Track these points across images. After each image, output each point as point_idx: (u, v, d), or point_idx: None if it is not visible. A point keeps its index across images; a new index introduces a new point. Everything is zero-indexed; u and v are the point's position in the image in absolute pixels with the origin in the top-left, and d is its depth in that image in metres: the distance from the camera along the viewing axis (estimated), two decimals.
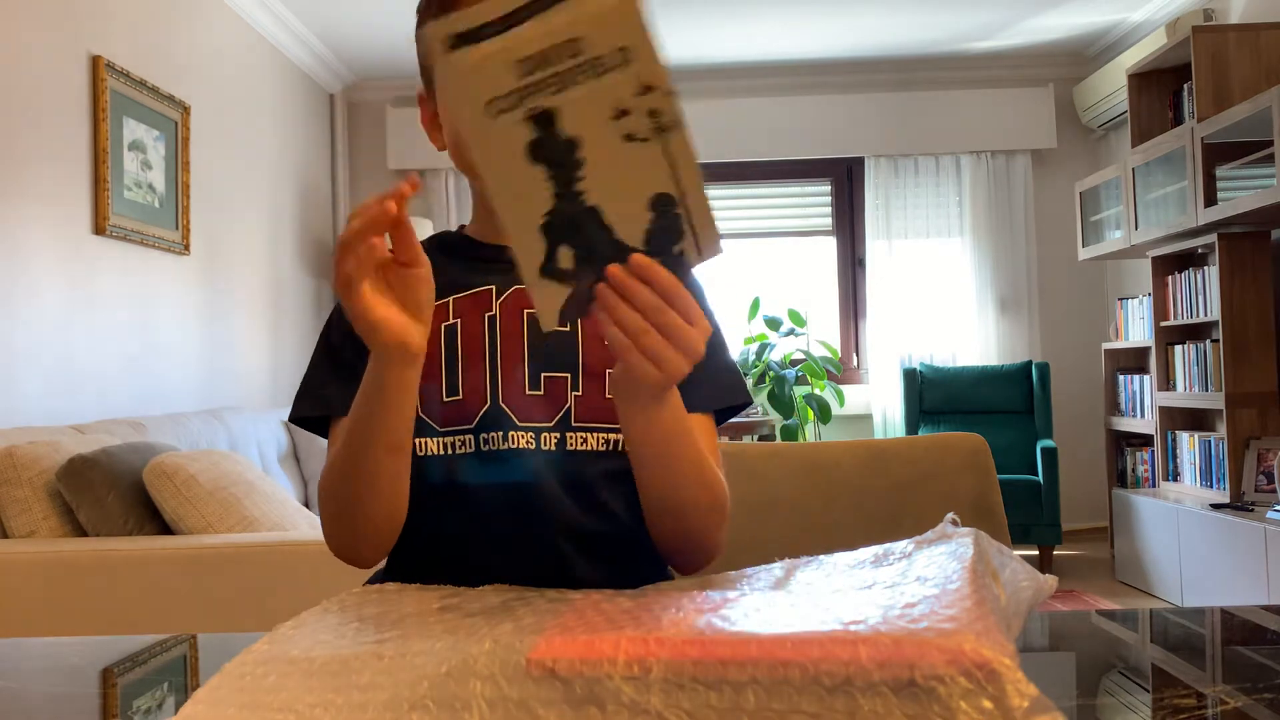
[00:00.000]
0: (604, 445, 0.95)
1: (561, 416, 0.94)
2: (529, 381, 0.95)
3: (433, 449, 0.94)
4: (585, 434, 0.95)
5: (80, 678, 0.77)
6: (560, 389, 0.95)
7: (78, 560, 2.17)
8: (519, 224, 0.67)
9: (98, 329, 3.21)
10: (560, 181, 0.66)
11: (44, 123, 2.98)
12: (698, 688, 0.47)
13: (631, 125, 0.65)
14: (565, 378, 0.95)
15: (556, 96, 0.63)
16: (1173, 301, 4.27)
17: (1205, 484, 4.05)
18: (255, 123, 4.51)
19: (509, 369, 0.95)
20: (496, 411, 0.94)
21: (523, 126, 0.64)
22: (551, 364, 0.96)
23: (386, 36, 4.91)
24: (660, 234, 0.69)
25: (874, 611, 0.51)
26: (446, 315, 0.97)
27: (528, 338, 0.96)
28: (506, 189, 0.66)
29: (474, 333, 0.96)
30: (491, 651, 0.49)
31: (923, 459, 1.27)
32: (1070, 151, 5.50)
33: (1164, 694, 0.66)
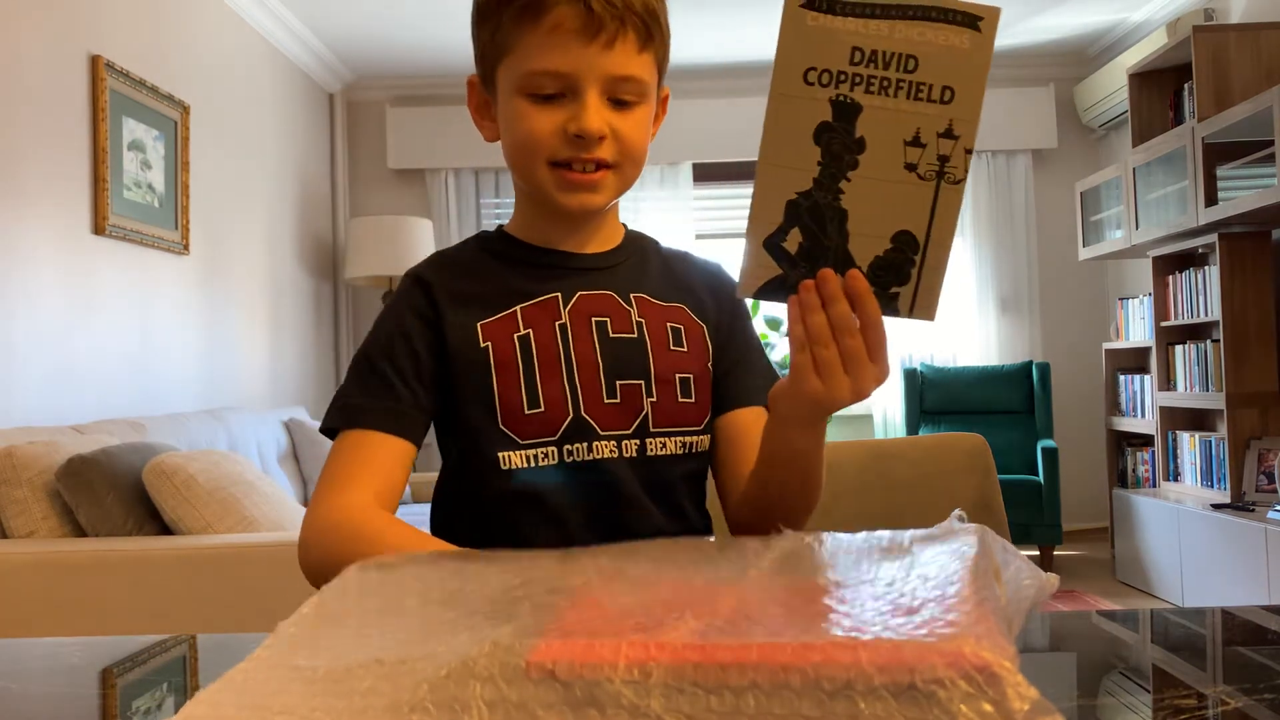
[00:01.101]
0: (681, 449, 0.97)
1: (640, 423, 0.95)
2: (606, 389, 0.95)
3: (516, 462, 0.94)
4: (664, 439, 0.96)
5: (80, 678, 0.77)
6: (635, 396, 0.96)
7: (77, 560, 2.17)
8: (770, 191, 0.68)
9: (98, 329, 3.21)
10: (828, 172, 0.67)
11: (44, 123, 2.98)
12: (698, 692, 0.47)
13: (919, 158, 0.66)
14: (639, 384, 0.96)
15: (868, 96, 0.65)
16: (1173, 301, 4.26)
17: (1206, 484, 4.05)
18: (255, 123, 4.51)
19: (587, 378, 0.95)
20: (580, 422, 0.94)
21: (824, 106, 0.66)
22: (624, 371, 0.96)
23: (386, 36, 4.91)
24: (887, 268, 0.69)
25: (875, 613, 0.51)
26: (516, 325, 0.96)
27: (599, 345, 0.97)
28: (776, 154, 0.67)
29: (547, 342, 0.96)
30: (491, 654, 0.49)
31: (923, 459, 1.27)
32: (1070, 151, 5.50)
33: (1164, 694, 0.66)
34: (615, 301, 0.99)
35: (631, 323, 0.98)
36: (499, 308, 0.97)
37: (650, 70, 0.95)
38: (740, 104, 5.32)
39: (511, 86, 0.93)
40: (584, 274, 1.00)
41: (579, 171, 0.93)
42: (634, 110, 0.94)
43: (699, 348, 1.00)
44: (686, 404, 0.98)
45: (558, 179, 0.94)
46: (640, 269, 1.03)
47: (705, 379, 1.00)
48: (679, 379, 0.97)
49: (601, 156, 0.93)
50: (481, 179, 5.51)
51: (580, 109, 0.91)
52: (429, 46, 5.02)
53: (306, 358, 5.01)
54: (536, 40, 0.91)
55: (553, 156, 0.93)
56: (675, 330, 0.99)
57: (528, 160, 0.94)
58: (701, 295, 1.04)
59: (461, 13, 4.85)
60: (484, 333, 0.96)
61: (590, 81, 0.91)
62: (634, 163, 0.96)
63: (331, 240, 5.42)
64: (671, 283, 1.03)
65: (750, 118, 5.36)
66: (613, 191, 0.96)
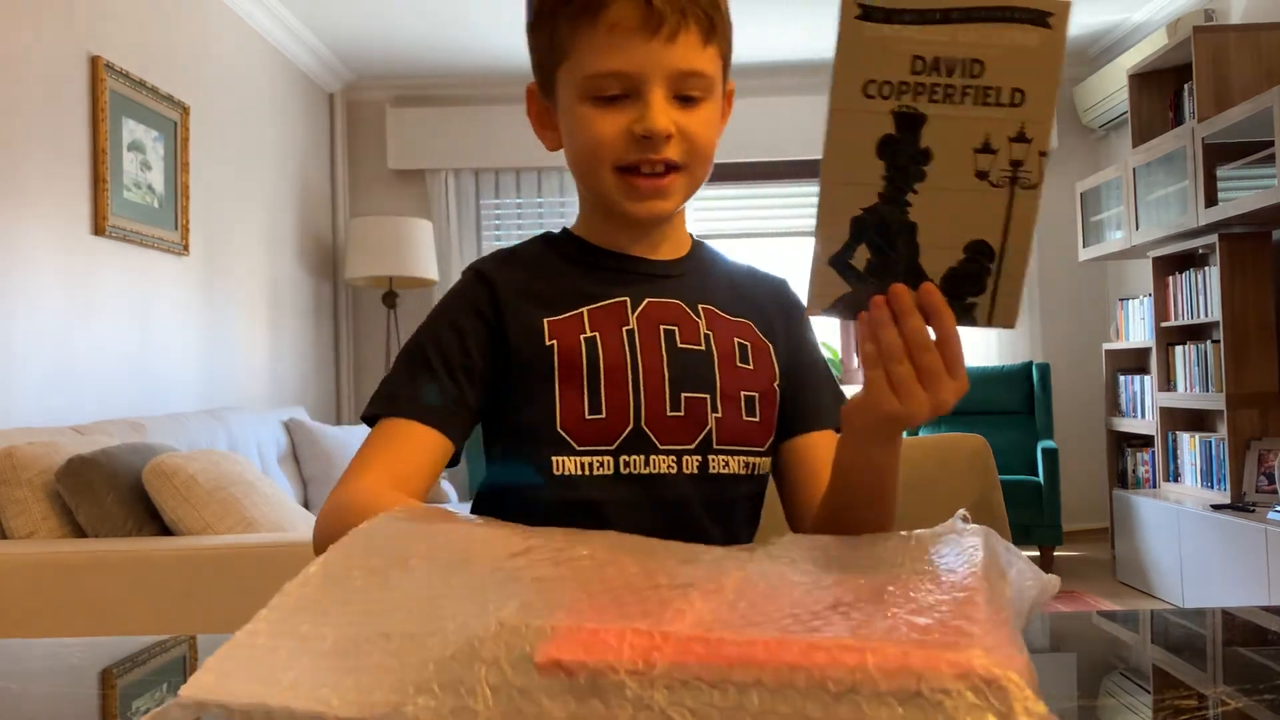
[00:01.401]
0: (744, 469, 0.93)
1: (703, 439, 0.92)
2: (670, 401, 0.91)
3: (569, 468, 0.90)
4: (726, 457, 0.92)
5: (80, 678, 0.77)
6: (700, 410, 0.92)
7: (77, 561, 2.17)
8: (834, 208, 0.67)
9: (97, 329, 3.21)
10: (894, 185, 0.65)
11: (44, 123, 2.98)
12: (702, 686, 0.47)
13: (990, 164, 0.64)
14: (704, 399, 0.92)
15: (933, 105, 0.63)
16: (1173, 302, 4.26)
17: (1206, 485, 4.04)
18: (255, 123, 4.51)
19: (652, 388, 0.91)
20: (639, 433, 0.90)
21: (886, 119, 0.64)
22: (690, 384, 0.92)
23: (386, 36, 4.91)
24: (962, 279, 0.67)
25: (883, 617, 0.51)
26: (583, 326, 0.92)
27: (666, 354, 0.92)
28: (839, 170, 0.66)
29: (614, 348, 0.92)
30: (498, 635, 0.49)
31: (925, 460, 1.27)
32: (1070, 151, 5.49)
33: (1165, 695, 0.66)
34: (683, 311, 0.95)
35: (699, 334, 0.94)
36: (565, 307, 0.93)
37: (715, 64, 0.92)
38: (742, 104, 5.30)
39: (573, 91, 0.90)
40: (652, 280, 0.96)
41: (647, 176, 0.90)
42: (700, 107, 0.91)
43: (765, 366, 0.97)
44: (751, 423, 0.94)
45: (625, 186, 0.91)
46: (707, 280, 1.00)
47: (770, 399, 0.96)
48: (744, 396, 0.94)
49: (669, 157, 0.89)
50: (481, 179, 5.51)
51: (645, 109, 0.87)
52: (429, 46, 5.02)
53: (306, 358, 5.01)
54: (596, 41, 0.87)
55: (619, 161, 0.90)
56: (742, 346, 0.96)
57: (593, 166, 0.91)
58: (768, 312, 1.00)
59: (462, 13, 4.84)
60: (550, 330, 0.92)
61: (654, 79, 0.87)
62: (703, 162, 0.92)
63: (331, 240, 5.42)
64: (738, 297, 1.00)
65: (752, 118, 5.35)
66: (682, 195, 0.93)
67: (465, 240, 5.48)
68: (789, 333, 1.01)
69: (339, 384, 5.45)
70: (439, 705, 0.48)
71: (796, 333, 1.02)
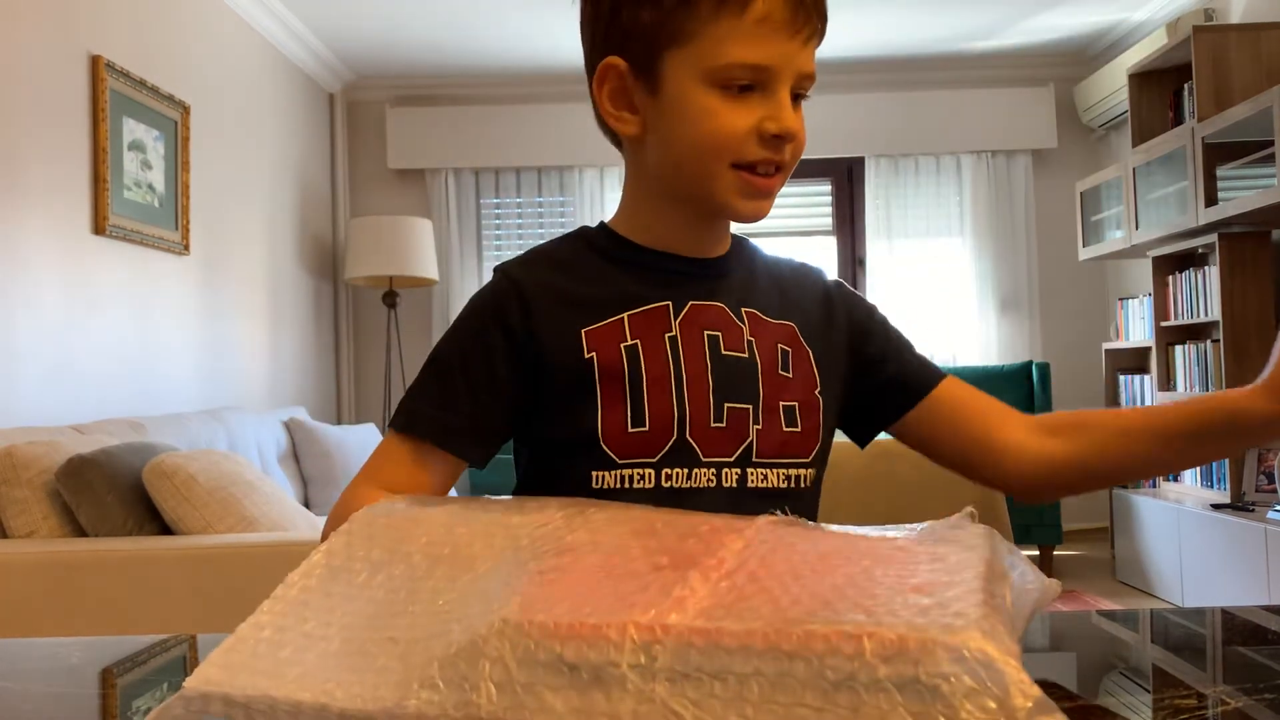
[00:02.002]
0: (785, 482, 0.90)
1: (743, 452, 0.88)
2: (714, 412, 0.88)
3: (609, 482, 0.86)
4: (766, 470, 0.89)
5: (80, 678, 0.77)
6: (742, 422, 0.88)
7: (77, 560, 2.17)
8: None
9: (98, 329, 3.21)
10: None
11: (44, 123, 2.98)
12: (702, 677, 0.47)
13: None
14: (747, 409, 0.89)
15: None
16: (1173, 301, 4.26)
17: (1206, 484, 4.05)
18: (255, 123, 4.51)
19: (696, 398, 0.87)
20: (683, 445, 0.87)
21: None
22: (733, 393, 0.88)
23: (386, 36, 4.91)
24: None
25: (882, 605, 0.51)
26: (623, 334, 0.88)
27: (710, 362, 0.89)
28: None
29: (657, 356, 0.87)
30: (501, 633, 0.50)
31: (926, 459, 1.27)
32: (1070, 151, 5.49)
33: (1165, 694, 0.66)
34: (727, 315, 0.91)
35: (743, 341, 0.91)
36: (604, 314, 0.89)
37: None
38: None
39: (694, 76, 0.85)
40: (696, 280, 0.92)
41: (763, 175, 0.87)
42: (799, 110, 0.90)
43: (805, 374, 0.93)
44: (793, 433, 0.90)
45: (742, 184, 0.87)
46: (751, 278, 0.96)
47: (811, 407, 0.92)
48: (784, 407, 0.90)
49: (784, 159, 0.87)
50: (481, 179, 5.51)
51: (777, 107, 0.85)
52: (429, 46, 5.02)
53: (306, 358, 5.01)
54: (740, 30, 0.84)
55: (740, 158, 0.86)
56: (784, 353, 0.92)
57: (710, 160, 0.86)
58: (813, 313, 0.96)
59: (462, 13, 4.83)
60: (588, 341, 0.88)
61: (786, 78, 0.86)
62: (795, 163, 0.91)
63: (331, 240, 5.42)
64: (783, 297, 0.96)
65: None
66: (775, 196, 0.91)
67: (465, 240, 5.48)
68: (849, 328, 0.98)
69: (339, 384, 5.45)
70: (443, 700, 0.48)
71: (856, 308, 1.00)
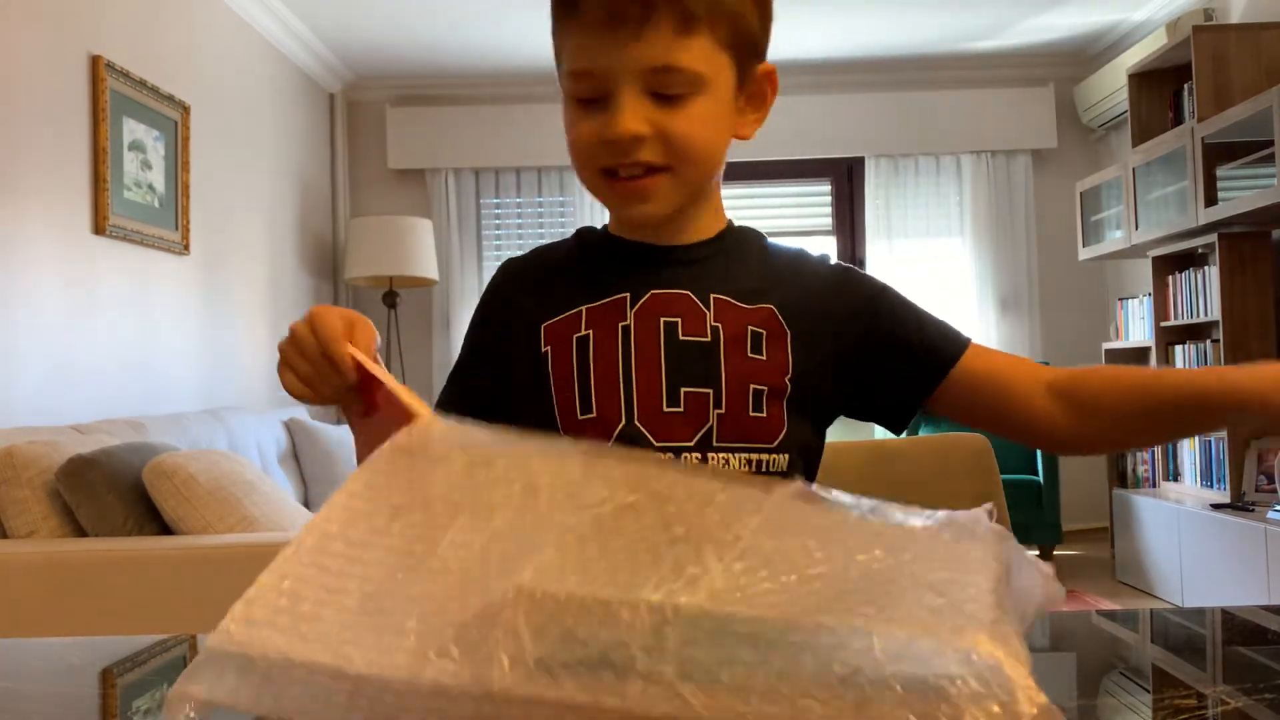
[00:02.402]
0: (748, 467, 0.88)
1: (702, 436, 0.87)
2: (667, 397, 0.88)
3: None
4: (728, 455, 0.88)
5: (80, 678, 0.77)
6: (701, 406, 0.87)
7: (78, 560, 2.17)
8: None
9: (98, 329, 3.21)
10: None
11: (44, 123, 2.98)
12: (712, 662, 0.47)
13: None
14: (707, 393, 0.88)
15: None
16: (1173, 301, 4.26)
17: (1206, 484, 4.04)
18: (255, 123, 4.51)
19: (645, 384, 0.88)
20: (632, 431, 0.87)
21: None
22: (691, 377, 0.88)
23: (386, 36, 4.91)
24: None
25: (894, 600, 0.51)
26: (578, 327, 0.90)
27: (664, 348, 0.89)
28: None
29: (607, 345, 0.89)
30: (515, 602, 0.50)
31: (927, 459, 1.28)
32: (1070, 151, 5.49)
33: (1164, 694, 0.66)
34: (691, 302, 0.91)
35: (706, 326, 0.90)
36: (565, 308, 0.92)
37: (705, 56, 0.84)
38: None
39: (563, 87, 0.88)
40: (664, 269, 0.92)
41: (625, 179, 0.86)
42: (686, 104, 0.84)
43: (779, 357, 0.90)
44: (758, 418, 0.88)
45: (608, 188, 0.88)
46: (730, 265, 0.94)
47: (779, 392, 0.90)
48: (753, 390, 0.88)
49: (645, 159, 0.85)
50: (482, 179, 5.51)
51: (613, 112, 0.83)
52: (429, 46, 5.02)
53: None
54: (572, 38, 0.85)
55: (599, 164, 0.87)
56: (756, 336, 0.90)
57: (580, 170, 0.89)
58: (803, 298, 0.93)
59: (462, 13, 4.85)
60: (546, 336, 0.91)
61: (622, 78, 0.83)
62: (692, 161, 0.87)
63: (331, 240, 5.42)
64: (766, 282, 0.94)
65: None
66: (673, 195, 0.88)
67: (465, 240, 5.48)
68: (856, 312, 0.94)
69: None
70: (458, 670, 0.49)
71: (867, 305, 0.95)
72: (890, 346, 0.94)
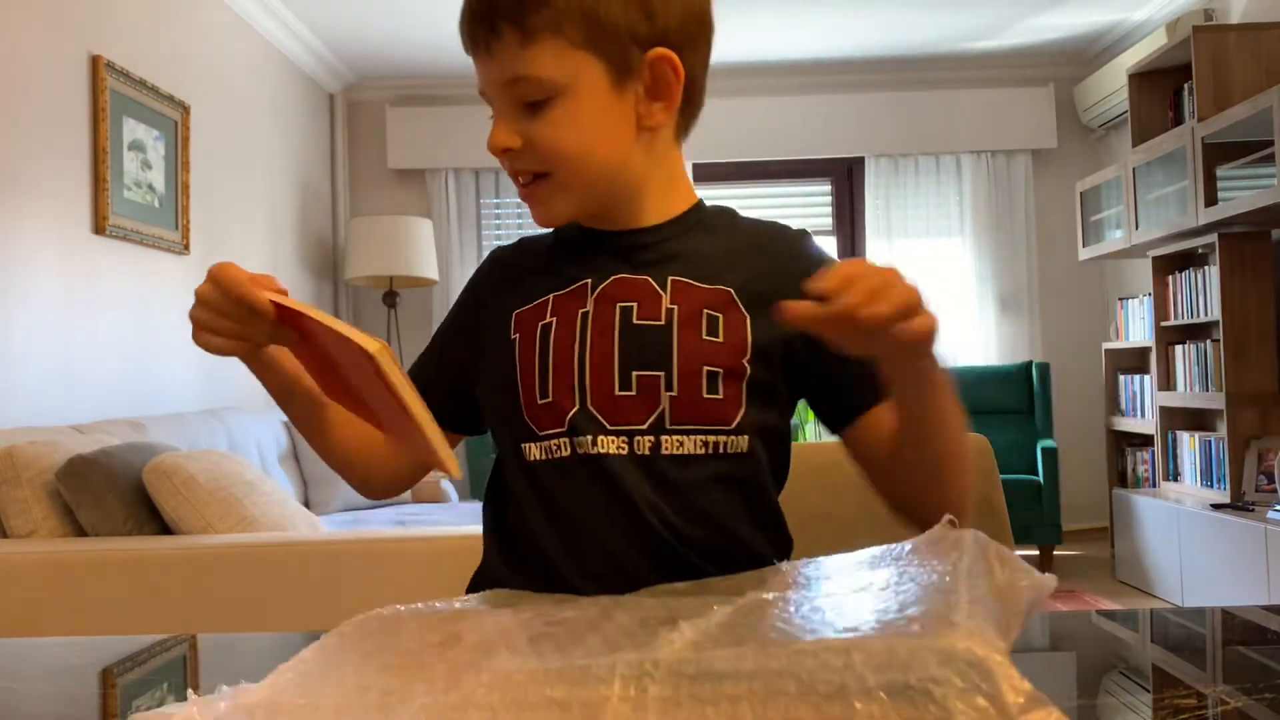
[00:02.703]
0: (703, 448, 0.90)
1: (655, 419, 0.89)
2: (619, 381, 0.90)
3: (536, 454, 0.92)
4: (682, 437, 0.89)
5: (80, 678, 0.77)
6: (652, 388, 0.89)
7: (78, 560, 2.17)
8: None
9: (98, 329, 3.21)
10: None
11: (44, 123, 2.98)
12: (695, 704, 0.47)
13: None
14: (658, 376, 0.89)
15: None
16: (1173, 301, 4.26)
17: (1206, 484, 4.04)
18: (255, 123, 4.51)
19: (598, 369, 0.90)
20: (586, 414, 0.90)
21: None
22: (643, 361, 0.90)
23: (386, 36, 4.91)
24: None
25: (868, 616, 0.51)
26: (544, 314, 0.94)
27: (619, 333, 0.91)
28: None
29: (566, 331, 0.92)
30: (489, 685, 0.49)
31: None
32: (1070, 151, 5.49)
33: (1164, 694, 0.66)
34: (649, 286, 0.93)
35: (660, 309, 0.91)
36: (535, 296, 0.96)
37: (555, 61, 0.86)
38: (741, 104, 5.32)
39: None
40: (626, 254, 0.95)
41: (524, 185, 0.93)
42: (550, 110, 0.87)
43: (737, 339, 0.91)
44: (713, 400, 0.89)
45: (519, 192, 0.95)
46: (693, 245, 0.96)
47: (737, 374, 0.90)
48: (707, 371, 0.89)
49: (525, 168, 0.91)
50: (482, 179, 5.51)
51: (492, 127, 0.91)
52: (429, 46, 5.02)
53: None
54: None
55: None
56: (712, 318, 0.91)
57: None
58: (767, 279, 0.93)
59: None
60: (516, 323, 0.95)
61: (494, 95, 0.90)
62: (566, 164, 0.89)
63: (331, 240, 5.42)
64: (729, 262, 0.94)
65: (751, 118, 5.36)
66: (567, 197, 0.92)
67: (465, 240, 5.48)
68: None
69: None
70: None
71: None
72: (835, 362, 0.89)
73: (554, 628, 0.59)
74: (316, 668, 0.59)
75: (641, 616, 0.60)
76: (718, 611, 0.58)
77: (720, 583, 0.79)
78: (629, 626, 0.56)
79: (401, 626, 0.65)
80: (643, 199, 0.96)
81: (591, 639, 0.55)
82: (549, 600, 0.69)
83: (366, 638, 0.63)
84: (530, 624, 0.62)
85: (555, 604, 0.67)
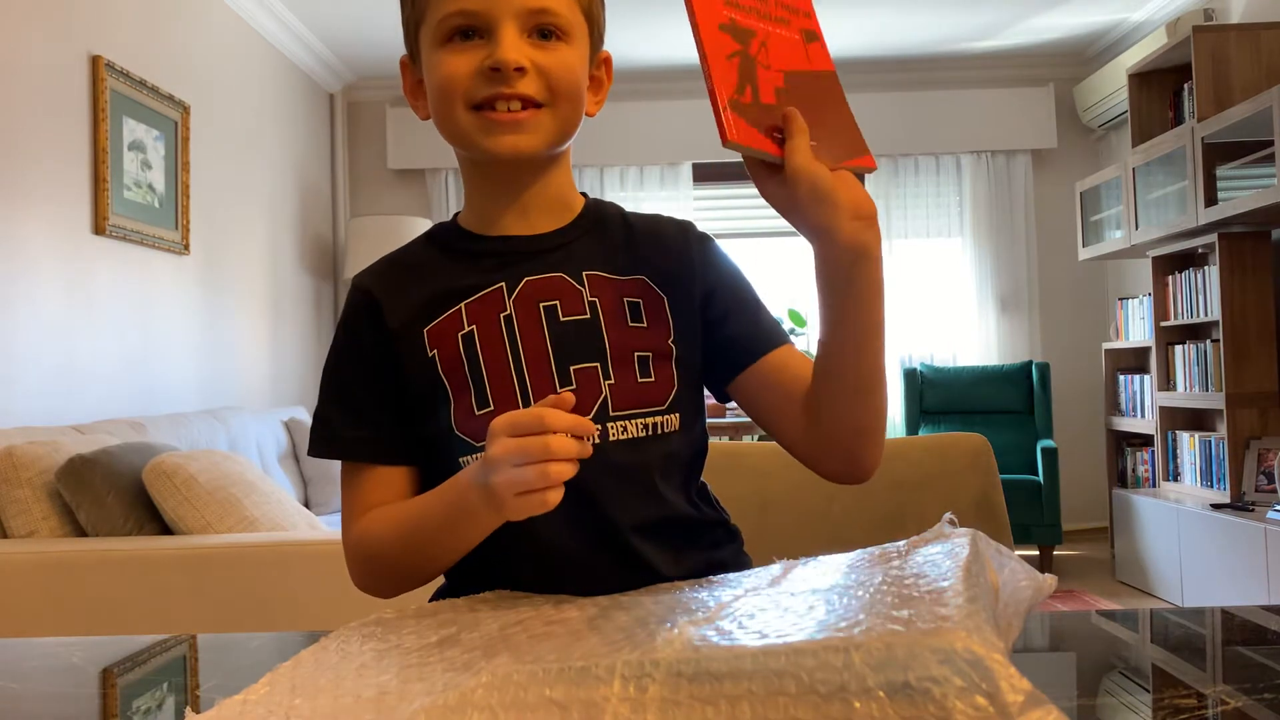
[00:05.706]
0: (644, 431, 0.91)
1: (598, 408, 0.90)
2: (558, 378, 0.90)
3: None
4: (625, 422, 0.91)
5: (80, 678, 0.77)
6: (592, 380, 0.90)
7: (78, 560, 2.17)
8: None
9: (98, 329, 3.21)
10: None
11: (44, 123, 2.98)
12: (694, 704, 0.47)
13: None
14: (595, 367, 0.91)
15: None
16: (1173, 301, 4.26)
17: (1205, 484, 4.05)
18: (255, 123, 4.51)
19: (537, 368, 0.90)
20: None
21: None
22: (577, 355, 0.91)
23: (386, 36, 4.91)
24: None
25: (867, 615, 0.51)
26: (460, 324, 0.92)
27: (547, 330, 0.91)
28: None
29: (493, 336, 0.91)
30: (489, 684, 0.49)
31: (925, 459, 1.27)
32: (1070, 151, 5.50)
33: (1164, 694, 0.66)
34: (566, 283, 0.93)
35: (584, 303, 0.92)
36: (443, 309, 0.93)
37: (570, 10, 0.91)
38: None
39: (431, 41, 0.91)
40: (534, 257, 0.94)
41: (502, 111, 0.88)
42: (559, 46, 0.89)
43: (659, 322, 0.94)
44: (647, 384, 0.92)
45: (481, 122, 0.89)
46: (597, 242, 0.97)
47: (665, 355, 0.93)
48: (638, 357, 0.92)
49: (525, 92, 0.88)
50: None
51: (495, 44, 0.87)
52: None
53: (306, 358, 5.01)
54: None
55: (471, 99, 0.88)
56: (633, 305, 0.93)
57: (449, 107, 0.89)
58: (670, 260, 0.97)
59: None
60: (429, 340, 0.92)
61: (504, 16, 0.87)
62: (568, 100, 0.90)
63: (331, 240, 5.42)
64: (633, 253, 0.96)
65: None
66: (547, 133, 0.90)
67: None
68: (704, 271, 0.97)
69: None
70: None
71: (712, 265, 0.99)
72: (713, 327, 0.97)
73: (554, 627, 0.59)
74: (316, 668, 0.59)
75: (641, 616, 0.60)
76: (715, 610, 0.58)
77: (719, 580, 0.79)
78: (629, 626, 0.57)
79: (401, 627, 0.65)
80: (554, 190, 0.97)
81: (591, 639, 0.55)
82: (549, 600, 0.69)
83: (366, 639, 0.63)
84: (530, 624, 0.62)
85: (555, 604, 0.67)
